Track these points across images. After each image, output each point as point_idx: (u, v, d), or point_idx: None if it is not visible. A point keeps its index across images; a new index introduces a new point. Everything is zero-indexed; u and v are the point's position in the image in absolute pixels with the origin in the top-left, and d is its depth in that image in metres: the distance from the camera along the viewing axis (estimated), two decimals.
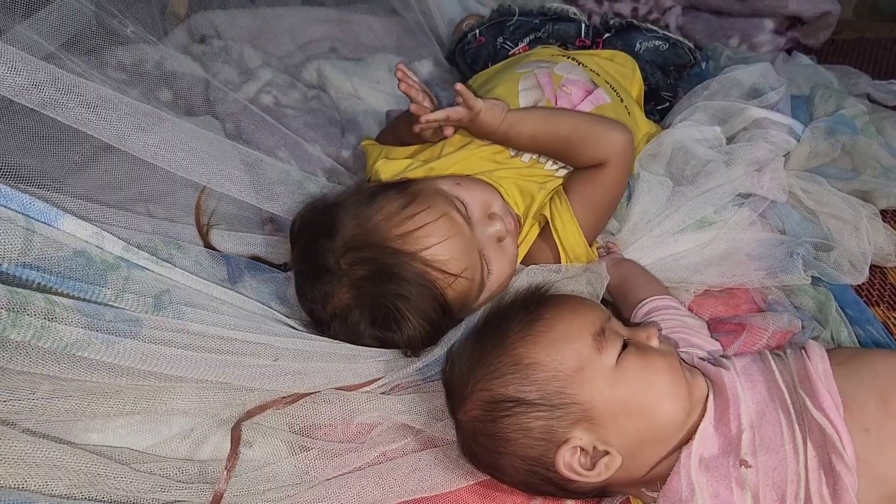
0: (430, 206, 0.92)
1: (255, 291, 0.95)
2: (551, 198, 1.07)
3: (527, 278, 1.01)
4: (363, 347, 0.91)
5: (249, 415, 0.84)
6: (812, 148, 1.10)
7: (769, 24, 1.57)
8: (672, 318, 0.92)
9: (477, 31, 1.44)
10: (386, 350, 0.92)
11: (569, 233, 1.03)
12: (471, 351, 0.80)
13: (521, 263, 1.06)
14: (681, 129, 1.18)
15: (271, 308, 0.94)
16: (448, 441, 0.85)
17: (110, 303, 0.70)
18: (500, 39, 1.40)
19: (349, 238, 0.90)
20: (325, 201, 0.98)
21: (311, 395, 0.86)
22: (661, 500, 0.73)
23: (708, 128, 1.16)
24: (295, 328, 0.93)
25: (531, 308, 0.80)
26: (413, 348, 0.91)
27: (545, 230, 1.06)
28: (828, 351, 0.79)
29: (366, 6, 1.66)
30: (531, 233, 1.06)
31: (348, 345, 0.90)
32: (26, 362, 0.66)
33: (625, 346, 0.77)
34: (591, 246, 1.06)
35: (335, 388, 0.87)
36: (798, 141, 1.12)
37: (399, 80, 1.05)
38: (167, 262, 0.82)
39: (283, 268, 1.03)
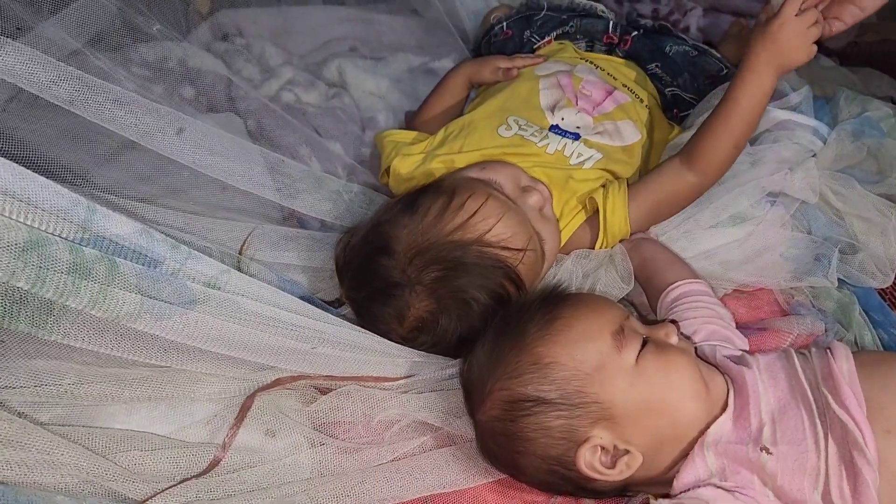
0: (472, 192, 0.92)
1: None
2: (603, 184, 1.06)
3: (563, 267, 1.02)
4: (405, 347, 0.90)
5: (263, 389, 0.85)
6: (838, 150, 1.09)
7: None
8: (705, 307, 0.92)
9: (504, 23, 1.44)
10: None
11: (617, 219, 1.03)
12: (489, 351, 0.80)
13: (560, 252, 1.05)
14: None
15: None
16: (466, 438, 0.85)
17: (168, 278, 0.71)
18: (528, 33, 1.40)
19: (408, 247, 0.90)
20: (363, 226, 0.98)
21: (334, 391, 0.87)
22: (676, 484, 0.73)
23: None
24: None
25: (549, 307, 0.80)
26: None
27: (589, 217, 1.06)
28: (853, 354, 0.78)
29: (386, 5, 1.67)
30: (574, 221, 1.05)
31: (392, 343, 0.90)
32: (78, 337, 0.67)
33: (644, 343, 0.77)
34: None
35: (368, 378, 0.88)
36: (823, 142, 1.12)
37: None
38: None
39: (335, 304, 1.03)
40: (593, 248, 1.05)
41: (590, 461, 0.74)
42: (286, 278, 1.01)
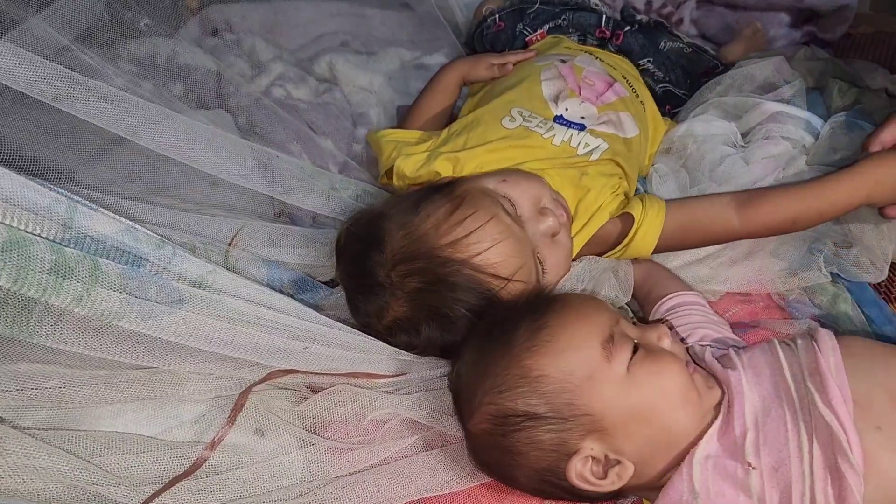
0: (477, 210, 0.89)
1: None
2: (643, 199, 1.03)
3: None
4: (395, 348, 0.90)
5: (256, 384, 0.84)
6: (831, 143, 1.08)
7: (785, 17, 1.55)
8: (697, 314, 0.91)
9: (497, 15, 1.43)
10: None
11: (645, 243, 1.01)
12: (476, 359, 0.79)
13: (585, 247, 1.04)
14: (694, 123, 1.17)
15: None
16: (458, 437, 0.84)
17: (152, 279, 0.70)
18: (520, 26, 1.40)
19: (398, 250, 0.88)
20: (370, 212, 0.96)
21: (324, 391, 0.86)
22: (661, 499, 0.73)
23: (723, 123, 1.14)
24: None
25: (536, 314, 0.78)
26: None
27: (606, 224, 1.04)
28: (839, 339, 0.77)
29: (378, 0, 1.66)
30: (592, 222, 1.03)
31: (382, 343, 0.89)
32: (60, 338, 0.66)
33: (635, 349, 0.75)
34: None
35: (360, 375, 0.87)
36: (814, 136, 1.11)
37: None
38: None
39: (330, 284, 1.03)
40: (602, 255, 1.04)
41: (581, 472, 0.73)
42: (276, 265, 1.00)
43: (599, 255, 1.05)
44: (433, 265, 0.87)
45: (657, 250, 1.03)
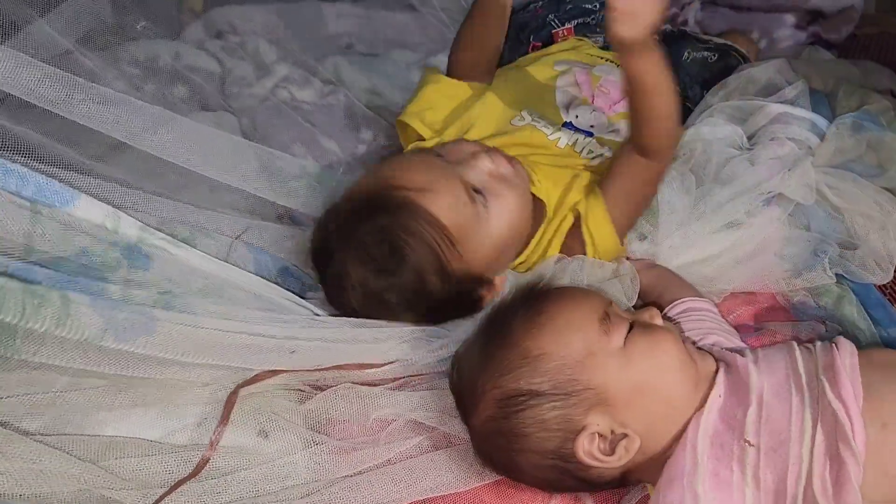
0: (402, 151, 0.96)
1: None
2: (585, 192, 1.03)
3: (559, 267, 1.00)
4: (387, 329, 0.90)
5: (245, 384, 0.84)
6: (837, 144, 1.08)
7: (790, 18, 1.55)
8: (709, 321, 0.92)
9: (540, 2, 1.44)
10: (406, 331, 0.91)
11: (602, 230, 1.01)
12: (477, 353, 0.80)
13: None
14: (701, 127, 1.16)
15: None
16: (463, 438, 0.84)
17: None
18: (551, 16, 1.40)
19: (341, 211, 0.93)
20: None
21: (328, 389, 0.87)
22: (664, 473, 0.73)
23: (729, 126, 1.14)
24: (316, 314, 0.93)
25: (532, 303, 0.80)
26: (427, 280, 0.90)
27: (576, 225, 1.03)
28: (865, 351, 0.78)
29: (382, 1, 1.66)
30: (565, 222, 1.03)
31: (371, 329, 0.89)
32: (50, 354, 0.67)
33: (630, 327, 0.77)
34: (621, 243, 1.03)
35: (352, 366, 0.87)
36: (819, 136, 1.11)
37: None
38: (185, 243, 0.82)
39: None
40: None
41: (588, 449, 0.73)
42: (262, 252, 1.00)
43: None
44: (356, 196, 0.93)
45: (623, 227, 1.02)
